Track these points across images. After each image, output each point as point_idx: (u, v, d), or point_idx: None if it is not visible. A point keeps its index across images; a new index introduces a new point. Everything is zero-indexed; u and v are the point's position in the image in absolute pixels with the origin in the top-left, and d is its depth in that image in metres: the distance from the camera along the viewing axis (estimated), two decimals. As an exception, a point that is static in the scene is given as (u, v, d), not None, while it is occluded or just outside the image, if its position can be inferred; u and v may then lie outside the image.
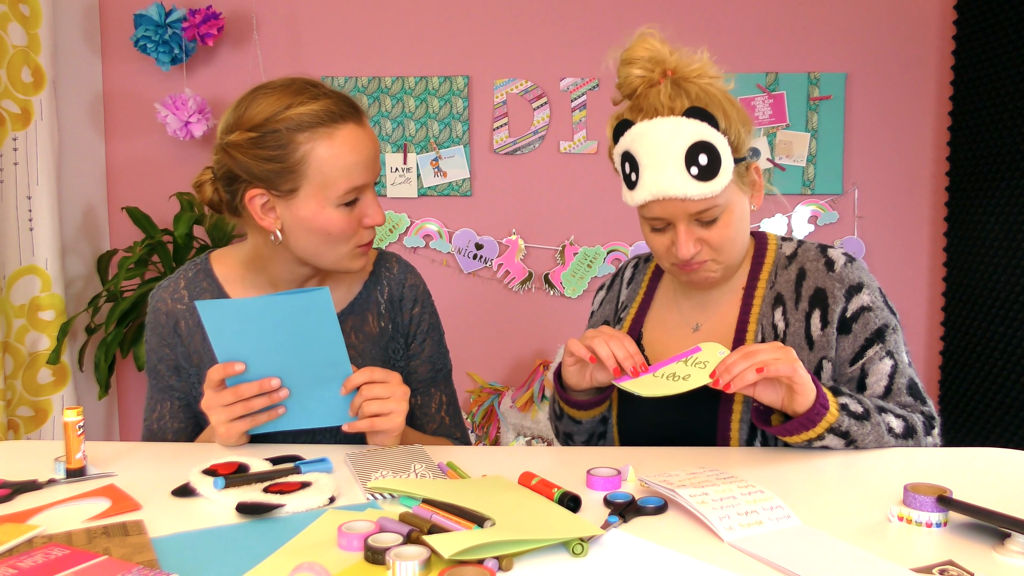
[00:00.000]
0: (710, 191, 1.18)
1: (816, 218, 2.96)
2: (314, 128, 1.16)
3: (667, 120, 1.18)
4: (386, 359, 1.36)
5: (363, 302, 1.35)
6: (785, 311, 1.27)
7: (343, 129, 1.17)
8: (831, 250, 1.30)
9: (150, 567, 0.78)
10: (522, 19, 2.95)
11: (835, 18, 2.92)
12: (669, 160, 1.17)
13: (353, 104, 1.21)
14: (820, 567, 0.79)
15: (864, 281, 1.27)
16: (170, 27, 2.75)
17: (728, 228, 1.23)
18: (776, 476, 1.06)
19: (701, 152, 1.17)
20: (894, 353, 1.24)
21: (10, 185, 2.57)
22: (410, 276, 1.39)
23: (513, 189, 2.99)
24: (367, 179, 1.20)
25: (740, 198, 1.25)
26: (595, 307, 1.53)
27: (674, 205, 1.19)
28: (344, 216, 1.19)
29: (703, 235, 1.22)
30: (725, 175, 1.19)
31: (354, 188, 1.19)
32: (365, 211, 1.22)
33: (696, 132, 1.17)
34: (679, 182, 1.17)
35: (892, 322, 1.26)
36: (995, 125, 2.62)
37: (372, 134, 1.22)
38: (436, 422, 1.40)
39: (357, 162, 1.18)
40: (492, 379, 3.02)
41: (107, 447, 1.21)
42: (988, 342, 2.64)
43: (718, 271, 1.27)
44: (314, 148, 1.16)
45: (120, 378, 3.04)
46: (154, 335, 1.33)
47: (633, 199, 1.23)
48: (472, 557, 0.78)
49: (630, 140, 1.22)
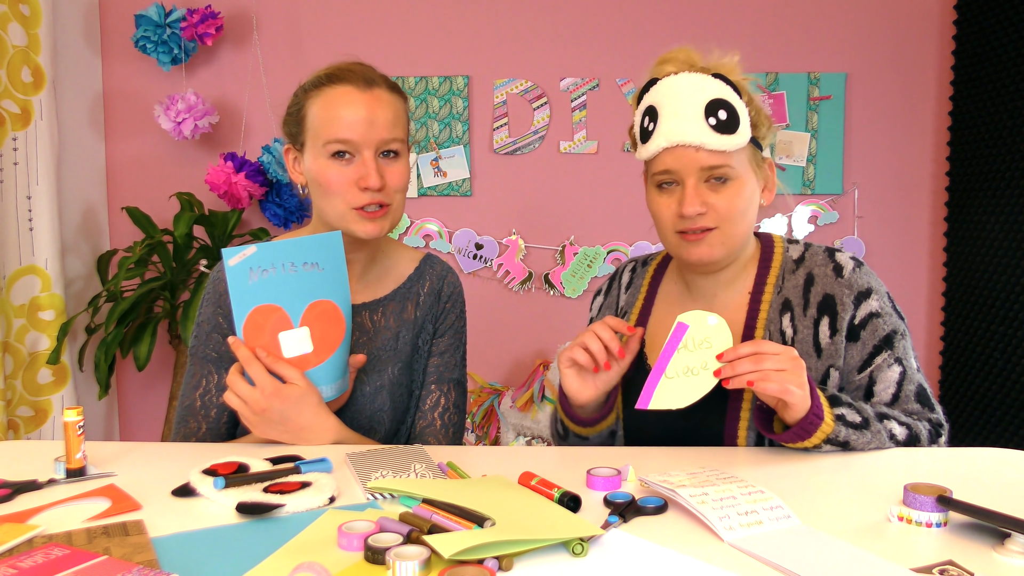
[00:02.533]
0: (726, 144, 1.19)
1: (816, 218, 2.96)
2: (317, 87, 1.30)
3: (693, 75, 1.22)
4: (415, 347, 1.41)
5: (406, 292, 1.43)
6: (793, 317, 1.26)
7: (338, 88, 1.28)
8: (839, 254, 1.29)
9: (150, 567, 0.78)
10: (522, 19, 2.95)
11: (835, 18, 2.92)
12: (690, 109, 1.19)
13: (365, 75, 1.30)
14: (820, 567, 0.79)
15: (873, 286, 1.26)
16: (169, 27, 2.75)
17: (737, 199, 1.22)
18: (776, 476, 1.06)
19: (721, 108, 1.19)
20: (903, 359, 1.23)
21: (10, 185, 2.57)
22: (451, 275, 1.48)
23: (513, 189, 2.99)
24: (350, 135, 1.26)
25: (752, 180, 1.25)
26: (593, 313, 1.51)
27: (687, 155, 1.20)
28: (336, 168, 1.27)
29: (711, 199, 1.21)
30: (742, 136, 1.20)
31: (337, 140, 1.26)
32: (360, 171, 1.27)
33: (719, 90, 1.20)
34: (697, 129, 1.18)
35: (901, 327, 1.25)
36: (995, 125, 2.62)
37: (375, 100, 1.28)
38: (427, 420, 1.40)
39: (343, 116, 1.26)
40: (492, 379, 3.02)
41: (107, 447, 1.20)
42: (988, 342, 2.64)
43: (720, 248, 1.24)
44: (312, 103, 1.29)
45: (120, 378, 3.04)
46: (210, 305, 1.37)
47: (647, 150, 1.24)
48: (472, 557, 0.78)
49: (654, 94, 1.24)
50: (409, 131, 1.35)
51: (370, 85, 1.29)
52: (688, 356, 1.15)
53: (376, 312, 1.39)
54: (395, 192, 1.31)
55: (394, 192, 1.30)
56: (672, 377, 1.15)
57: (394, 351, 1.39)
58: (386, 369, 1.37)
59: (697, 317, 1.16)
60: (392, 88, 1.32)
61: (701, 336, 1.15)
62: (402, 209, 1.35)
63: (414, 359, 1.41)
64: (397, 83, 1.35)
